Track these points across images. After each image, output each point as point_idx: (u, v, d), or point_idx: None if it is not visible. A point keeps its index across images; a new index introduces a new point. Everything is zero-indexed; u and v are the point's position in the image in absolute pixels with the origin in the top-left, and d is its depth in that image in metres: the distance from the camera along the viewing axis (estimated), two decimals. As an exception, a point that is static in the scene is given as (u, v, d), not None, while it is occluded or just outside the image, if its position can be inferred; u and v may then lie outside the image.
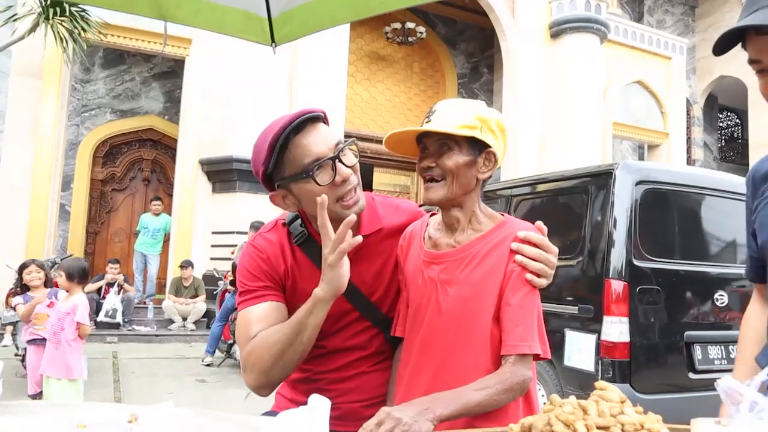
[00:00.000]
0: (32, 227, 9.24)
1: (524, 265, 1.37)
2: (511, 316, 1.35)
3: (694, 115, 17.51)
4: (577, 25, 12.63)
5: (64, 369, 4.12)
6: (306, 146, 1.38)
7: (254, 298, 1.47)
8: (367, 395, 1.54)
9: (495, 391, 1.27)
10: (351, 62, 12.44)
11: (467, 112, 1.38)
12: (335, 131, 1.47)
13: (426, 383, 1.39)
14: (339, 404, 1.43)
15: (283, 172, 1.41)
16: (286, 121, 1.38)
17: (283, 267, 1.51)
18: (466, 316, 1.38)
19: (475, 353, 1.37)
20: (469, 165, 1.38)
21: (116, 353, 7.82)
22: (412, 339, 1.46)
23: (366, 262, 1.52)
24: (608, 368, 3.66)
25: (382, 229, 1.56)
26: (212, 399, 5.87)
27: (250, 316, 1.46)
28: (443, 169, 1.38)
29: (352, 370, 1.54)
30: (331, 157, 1.39)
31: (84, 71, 11.67)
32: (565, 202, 4.41)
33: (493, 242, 1.40)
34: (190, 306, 9.46)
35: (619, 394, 1.19)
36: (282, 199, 1.47)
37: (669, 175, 4.15)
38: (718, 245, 4.27)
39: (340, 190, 1.41)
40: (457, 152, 1.37)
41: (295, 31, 2.24)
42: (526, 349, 1.32)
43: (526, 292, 1.36)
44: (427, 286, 1.43)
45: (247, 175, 9.88)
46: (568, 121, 12.33)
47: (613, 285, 3.73)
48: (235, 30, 2.27)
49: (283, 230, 1.55)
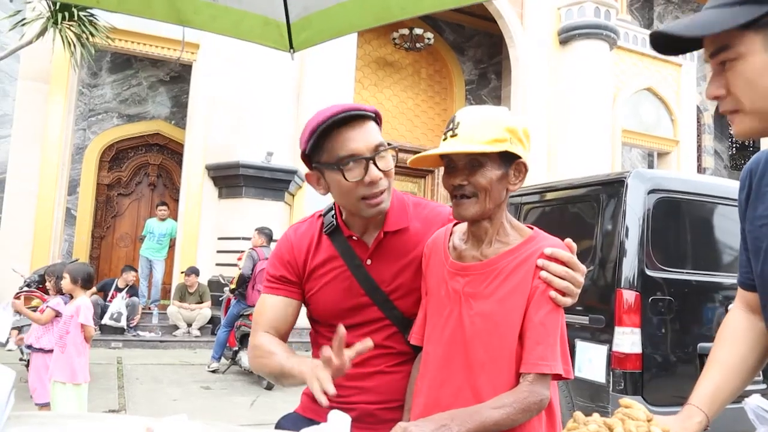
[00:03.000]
0: (38, 231, 9.23)
1: (549, 282, 1.33)
2: (532, 334, 1.32)
3: (704, 123, 17.41)
4: (586, 32, 12.59)
5: (69, 373, 4.10)
6: (345, 140, 1.41)
7: (271, 288, 1.62)
8: (384, 397, 1.53)
9: (513, 410, 1.26)
10: (358, 68, 12.43)
11: (495, 123, 1.32)
12: (379, 135, 1.49)
13: (446, 399, 1.36)
14: (355, 405, 1.47)
15: (320, 157, 1.45)
16: (335, 111, 1.41)
17: (304, 258, 1.59)
18: (489, 332, 1.35)
19: (498, 371, 1.34)
20: (501, 179, 1.35)
21: (121, 359, 7.81)
22: (430, 351, 1.43)
23: (387, 259, 1.54)
24: (620, 380, 3.59)
25: (407, 228, 1.56)
26: (217, 406, 5.82)
27: (264, 305, 1.62)
28: (476, 187, 1.34)
29: (370, 368, 1.53)
30: (366, 157, 1.41)
31: (91, 76, 11.70)
32: (576, 211, 4.34)
33: (521, 257, 1.37)
34: (195, 312, 9.41)
35: (645, 412, 1.17)
36: (316, 180, 1.51)
37: (682, 183, 4.08)
38: (732, 255, 4.16)
39: (367, 190, 1.43)
40: (489, 167, 1.33)
41: (314, 36, 2.23)
42: (546, 368, 1.30)
43: (549, 310, 1.33)
44: (450, 298, 1.40)
45: (254, 180, 9.89)
46: (577, 129, 12.28)
47: (625, 295, 3.66)
48: (253, 35, 2.26)
49: (318, 221, 1.62)
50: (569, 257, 1.35)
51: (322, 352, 1.29)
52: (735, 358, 1.36)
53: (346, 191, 1.44)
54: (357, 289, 1.53)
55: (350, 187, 1.42)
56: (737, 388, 1.33)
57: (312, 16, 2.16)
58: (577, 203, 4.34)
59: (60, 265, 4.86)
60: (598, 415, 1.16)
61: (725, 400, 1.30)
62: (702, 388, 1.31)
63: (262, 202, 9.90)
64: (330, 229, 1.57)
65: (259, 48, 2.31)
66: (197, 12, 2.12)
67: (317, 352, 1.56)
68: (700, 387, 1.31)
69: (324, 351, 1.28)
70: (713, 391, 1.30)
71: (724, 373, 1.33)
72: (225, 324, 7.44)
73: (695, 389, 1.31)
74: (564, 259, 1.35)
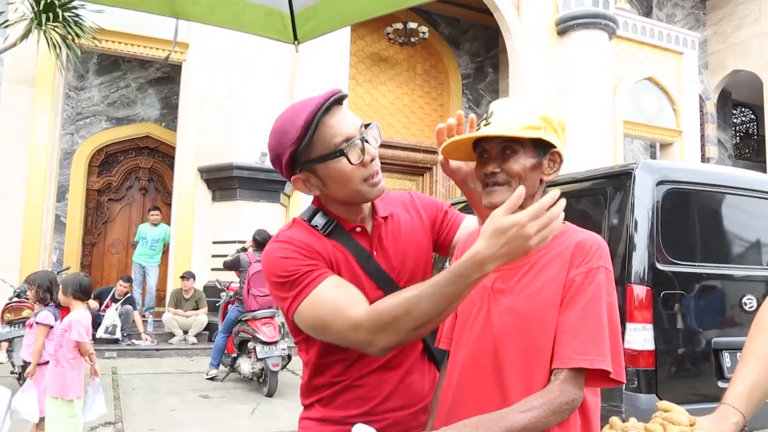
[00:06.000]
0: (27, 239, 9.10)
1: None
2: (566, 328, 1.23)
3: (707, 112, 17.37)
4: (584, 21, 12.54)
5: (60, 387, 4.01)
6: (336, 126, 1.38)
7: (314, 280, 1.36)
8: (412, 400, 1.49)
9: (542, 413, 1.17)
10: (352, 64, 12.37)
11: (529, 111, 1.32)
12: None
13: (472, 402, 1.30)
14: (384, 414, 1.44)
15: (310, 154, 1.39)
16: (318, 101, 1.37)
17: (324, 250, 1.43)
18: (519, 330, 1.28)
19: (529, 372, 1.26)
20: (535, 168, 1.32)
21: (116, 369, 7.71)
22: (457, 352, 1.39)
23: (387, 247, 1.51)
24: (633, 378, 3.46)
25: (392, 213, 1.55)
26: (217, 416, 5.75)
27: (326, 294, 1.34)
28: (509, 174, 1.31)
29: (394, 370, 1.48)
30: (360, 137, 1.39)
31: (78, 78, 11.57)
32: (582, 205, 4.24)
33: (555, 252, 1.31)
34: (191, 318, 9.31)
35: (687, 416, 1.11)
36: (304, 183, 1.44)
37: (691, 174, 3.97)
38: (744, 246, 4.11)
39: (368, 170, 1.40)
40: (522, 155, 1.31)
41: (320, 26, 2.15)
42: (584, 362, 1.19)
43: (588, 300, 1.24)
44: (479, 295, 1.35)
45: (248, 182, 9.79)
46: (578, 121, 12.15)
47: (636, 290, 3.54)
48: (254, 27, 2.18)
49: (305, 225, 1.48)
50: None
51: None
52: None
53: (348, 178, 1.39)
54: (370, 284, 1.45)
55: (352, 173, 1.38)
56: None
57: (318, 5, 2.09)
58: (583, 197, 4.23)
59: (41, 273, 4.69)
60: (635, 419, 1.11)
61: (763, 396, 1.23)
62: (737, 384, 1.23)
63: (257, 204, 9.87)
64: (329, 228, 1.46)
65: (251, 46, 2.17)
66: (195, 3, 2.05)
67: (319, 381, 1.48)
68: (736, 383, 1.23)
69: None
70: (750, 387, 1.22)
71: (762, 367, 1.25)
72: (223, 330, 7.37)
73: (730, 386, 1.23)
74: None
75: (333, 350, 1.44)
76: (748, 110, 19.68)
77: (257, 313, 6.67)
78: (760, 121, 18.50)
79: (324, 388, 1.47)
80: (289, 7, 2.11)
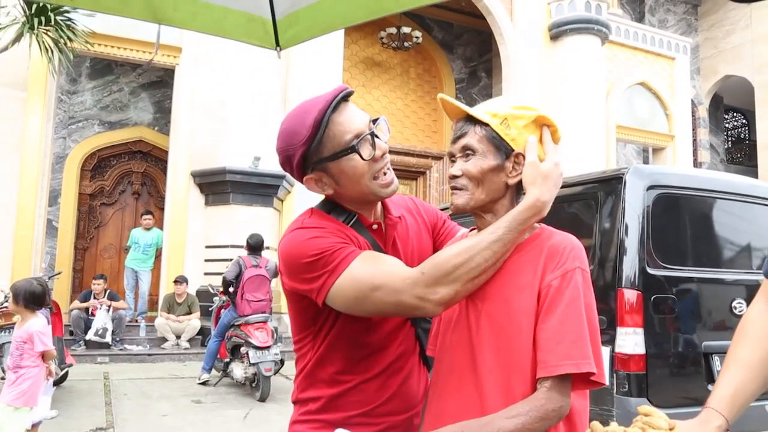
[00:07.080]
0: (18, 244, 9.04)
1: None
2: (549, 335, 1.21)
3: (699, 117, 17.47)
4: (577, 27, 12.60)
5: (28, 396, 3.87)
6: (346, 123, 1.37)
7: (351, 253, 1.33)
8: (409, 404, 1.49)
9: (528, 420, 1.16)
10: (346, 69, 12.36)
11: (502, 104, 1.34)
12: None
13: (452, 408, 1.30)
14: (383, 417, 1.44)
15: (321, 153, 1.38)
16: (327, 99, 1.37)
17: (349, 237, 1.40)
18: (496, 335, 1.27)
19: (507, 378, 1.25)
20: (495, 170, 1.31)
21: (107, 374, 7.66)
22: (440, 358, 1.40)
23: (400, 248, 1.51)
24: (624, 382, 3.48)
25: (403, 215, 1.56)
26: (209, 421, 5.72)
27: (369, 260, 1.33)
28: (467, 176, 1.32)
29: (396, 373, 1.48)
30: (370, 133, 1.39)
31: (70, 82, 11.54)
32: (573, 209, 4.26)
33: (527, 256, 1.29)
34: (183, 323, 9.26)
35: (667, 420, 1.12)
36: (316, 182, 1.43)
37: (681, 179, 4.01)
38: (734, 251, 4.13)
39: (379, 164, 1.40)
40: (481, 157, 1.31)
41: (302, 33, 2.14)
42: (569, 367, 1.17)
43: (567, 304, 1.22)
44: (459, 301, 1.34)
45: (241, 186, 9.77)
46: (570, 126, 12.15)
47: (626, 294, 3.56)
48: (236, 33, 2.16)
49: (326, 215, 1.46)
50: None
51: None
52: (757, 356, 1.29)
53: (360, 174, 1.38)
54: None
55: (365, 169, 1.38)
56: (759, 388, 1.27)
57: (300, 12, 2.07)
58: (574, 201, 4.25)
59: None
60: (615, 424, 1.11)
61: (746, 401, 1.25)
62: (721, 389, 1.24)
63: (250, 209, 9.83)
64: (351, 221, 1.46)
65: (244, 50, 2.18)
66: (176, 9, 2.02)
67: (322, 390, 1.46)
68: (719, 388, 1.25)
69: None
70: (733, 392, 1.23)
71: (745, 372, 1.26)
72: (216, 334, 7.31)
73: (714, 390, 1.25)
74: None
75: (345, 344, 1.43)
76: (740, 115, 19.79)
77: (250, 318, 6.65)
78: (751, 125, 18.58)
79: (325, 386, 1.44)
80: (271, 14, 2.08)
